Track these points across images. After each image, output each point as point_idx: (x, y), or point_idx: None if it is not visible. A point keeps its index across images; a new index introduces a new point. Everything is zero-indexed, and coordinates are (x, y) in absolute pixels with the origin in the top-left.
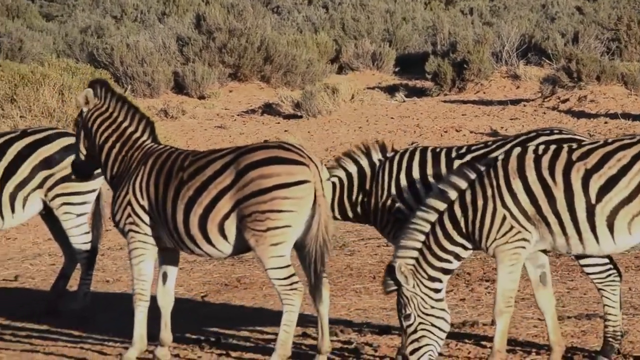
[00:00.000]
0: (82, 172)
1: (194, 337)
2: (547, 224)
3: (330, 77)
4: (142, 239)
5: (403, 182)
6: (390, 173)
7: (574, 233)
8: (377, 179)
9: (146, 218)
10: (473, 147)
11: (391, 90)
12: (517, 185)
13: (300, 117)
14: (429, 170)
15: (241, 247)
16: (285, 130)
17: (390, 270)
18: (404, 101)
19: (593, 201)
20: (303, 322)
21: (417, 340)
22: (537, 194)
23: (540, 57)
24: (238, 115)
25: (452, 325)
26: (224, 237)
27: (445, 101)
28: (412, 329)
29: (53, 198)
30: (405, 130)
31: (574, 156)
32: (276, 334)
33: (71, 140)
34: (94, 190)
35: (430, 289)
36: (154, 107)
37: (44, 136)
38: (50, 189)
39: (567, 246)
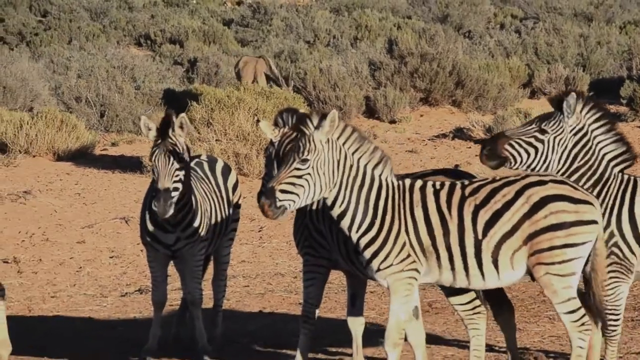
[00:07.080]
0: None
1: None
2: (438, 257)
3: (522, 101)
4: (316, 263)
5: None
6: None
7: (462, 267)
8: None
9: (323, 242)
10: None
11: None
12: (419, 214)
13: None
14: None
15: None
16: (476, 155)
17: None
18: None
19: (480, 236)
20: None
21: None
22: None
23: None
24: (429, 139)
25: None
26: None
27: None
28: None
29: None
30: None
31: (467, 192)
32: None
33: None
34: None
35: None
36: None
37: None
38: None
39: (453, 280)
